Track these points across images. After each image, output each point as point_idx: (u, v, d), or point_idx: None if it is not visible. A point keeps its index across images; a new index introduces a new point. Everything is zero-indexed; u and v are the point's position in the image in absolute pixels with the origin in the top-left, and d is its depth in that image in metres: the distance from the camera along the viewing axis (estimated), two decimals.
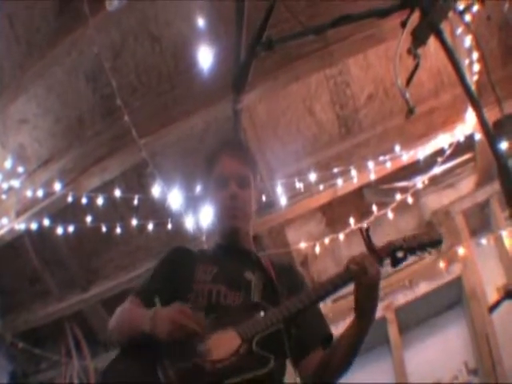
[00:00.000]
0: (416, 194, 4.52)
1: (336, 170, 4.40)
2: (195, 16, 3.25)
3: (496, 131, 1.38)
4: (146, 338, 1.55)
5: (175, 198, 3.93)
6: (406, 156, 4.36)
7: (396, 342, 4.46)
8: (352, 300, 1.60)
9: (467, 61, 3.72)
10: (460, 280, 4.41)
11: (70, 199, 4.21)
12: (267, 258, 1.92)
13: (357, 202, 4.70)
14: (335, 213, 4.78)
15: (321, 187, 4.41)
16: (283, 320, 1.58)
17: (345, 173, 4.40)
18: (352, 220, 4.47)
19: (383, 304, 4.41)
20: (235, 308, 1.67)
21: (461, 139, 4.28)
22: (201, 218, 4.02)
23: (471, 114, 3.99)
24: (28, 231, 4.53)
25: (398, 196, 4.46)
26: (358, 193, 4.67)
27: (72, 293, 5.11)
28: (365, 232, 1.65)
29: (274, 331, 1.57)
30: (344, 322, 3.32)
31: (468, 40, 3.67)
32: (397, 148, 4.35)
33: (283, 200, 4.38)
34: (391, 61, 3.91)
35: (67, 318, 5.29)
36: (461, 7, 1.92)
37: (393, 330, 4.49)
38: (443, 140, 4.34)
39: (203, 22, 3.21)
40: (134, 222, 4.30)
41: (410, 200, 4.44)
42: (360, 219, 4.50)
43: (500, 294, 3.48)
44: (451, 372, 4.22)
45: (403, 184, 4.55)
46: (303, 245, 4.60)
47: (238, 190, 1.87)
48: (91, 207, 4.27)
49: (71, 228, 4.31)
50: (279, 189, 4.38)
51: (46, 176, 4.42)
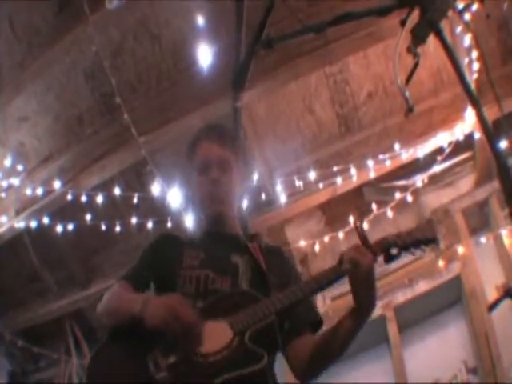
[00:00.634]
0: (415, 193, 4.52)
1: (335, 169, 4.40)
2: (194, 14, 3.24)
3: (495, 130, 1.38)
4: (135, 325, 1.52)
5: (175, 196, 3.92)
6: (406, 154, 4.36)
7: (395, 341, 4.45)
8: (351, 298, 1.59)
9: (467, 59, 3.72)
10: (459, 279, 4.41)
11: (70, 197, 4.20)
12: (255, 243, 1.90)
13: (356, 201, 4.71)
14: (335, 211, 4.78)
15: (320, 185, 4.41)
16: (275, 312, 1.56)
17: (344, 171, 4.40)
18: (351, 218, 4.46)
19: (383, 302, 4.41)
20: (225, 296, 1.66)
21: (460, 138, 4.28)
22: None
23: (471, 113, 3.99)
24: (27, 229, 4.53)
25: (398, 194, 4.47)
26: (358, 191, 4.67)
27: (71, 291, 5.11)
28: (359, 227, 1.64)
29: (266, 324, 1.55)
30: None
31: (467, 39, 3.66)
32: (396, 146, 4.35)
33: (283, 198, 4.38)
34: (391, 59, 3.91)
35: (66, 316, 5.30)
36: (460, 6, 1.91)
37: (392, 329, 4.48)
38: (443, 138, 4.34)
39: (203, 21, 3.20)
40: (134, 220, 4.31)
41: (410, 198, 4.44)
42: (359, 218, 4.49)
43: (499, 293, 3.49)
44: (450, 371, 4.21)
45: (403, 182, 4.56)
46: (303, 243, 4.61)
47: (220, 174, 1.85)
48: (91, 205, 4.27)
49: (71, 226, 4.32)
50: (279, 187, 4.39)
51: (46, 174, 4.42)
